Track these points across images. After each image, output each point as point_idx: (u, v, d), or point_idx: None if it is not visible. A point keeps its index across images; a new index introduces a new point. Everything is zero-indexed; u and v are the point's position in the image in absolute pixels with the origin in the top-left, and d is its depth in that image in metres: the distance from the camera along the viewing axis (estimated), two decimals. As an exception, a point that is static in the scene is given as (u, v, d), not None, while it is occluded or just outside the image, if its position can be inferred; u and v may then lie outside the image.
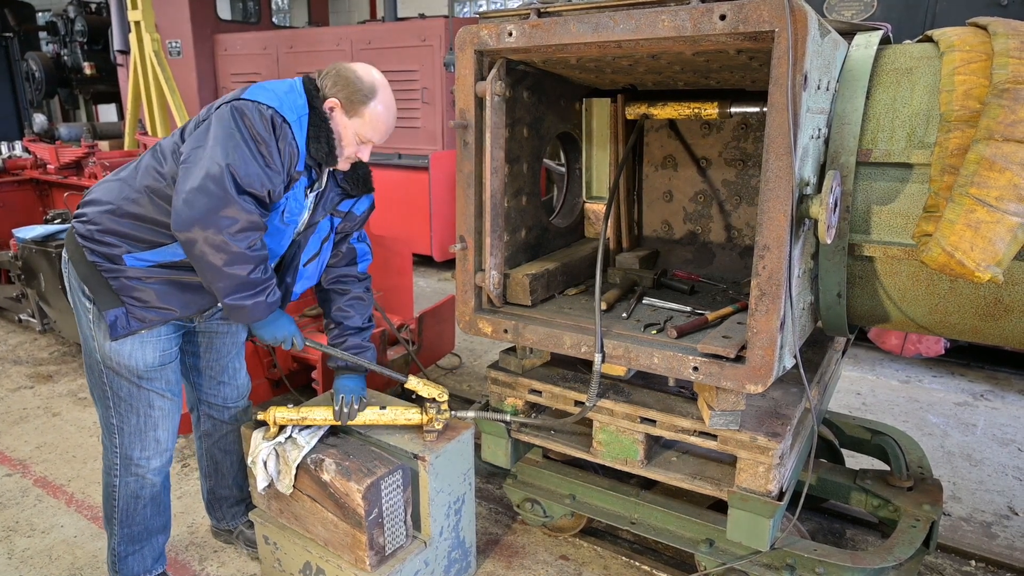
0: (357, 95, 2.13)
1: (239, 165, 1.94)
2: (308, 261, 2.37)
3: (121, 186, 2.19)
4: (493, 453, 2.66)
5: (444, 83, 6.88)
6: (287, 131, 2.04)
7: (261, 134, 1.98)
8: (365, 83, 2.15)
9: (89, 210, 2.20)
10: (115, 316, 2.17)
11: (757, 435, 2.08)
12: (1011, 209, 1.74)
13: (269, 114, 2.00)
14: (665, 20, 1.83)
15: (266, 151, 2.00)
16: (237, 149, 1.95)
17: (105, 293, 2.17)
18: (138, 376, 2.25)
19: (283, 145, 2.03)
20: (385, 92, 2.18)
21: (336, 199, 2.36)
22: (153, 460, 2.38)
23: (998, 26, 1.92)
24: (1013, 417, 4.08)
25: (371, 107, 2.15)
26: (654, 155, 3.01)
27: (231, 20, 9.71)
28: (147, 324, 2.20)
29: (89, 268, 2.18)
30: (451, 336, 4.42)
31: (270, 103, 2.02)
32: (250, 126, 1.98)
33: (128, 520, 2.43)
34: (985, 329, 2.13)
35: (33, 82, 12.08)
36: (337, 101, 2.14)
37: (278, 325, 2.21)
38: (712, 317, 2.27)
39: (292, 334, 2.25)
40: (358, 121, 2.16)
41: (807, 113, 1.81)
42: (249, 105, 2.00)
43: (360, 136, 2.18)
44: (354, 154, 2.22)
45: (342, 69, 2.17)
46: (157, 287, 2.18)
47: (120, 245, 2.14)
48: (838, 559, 2.26)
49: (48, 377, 4.63)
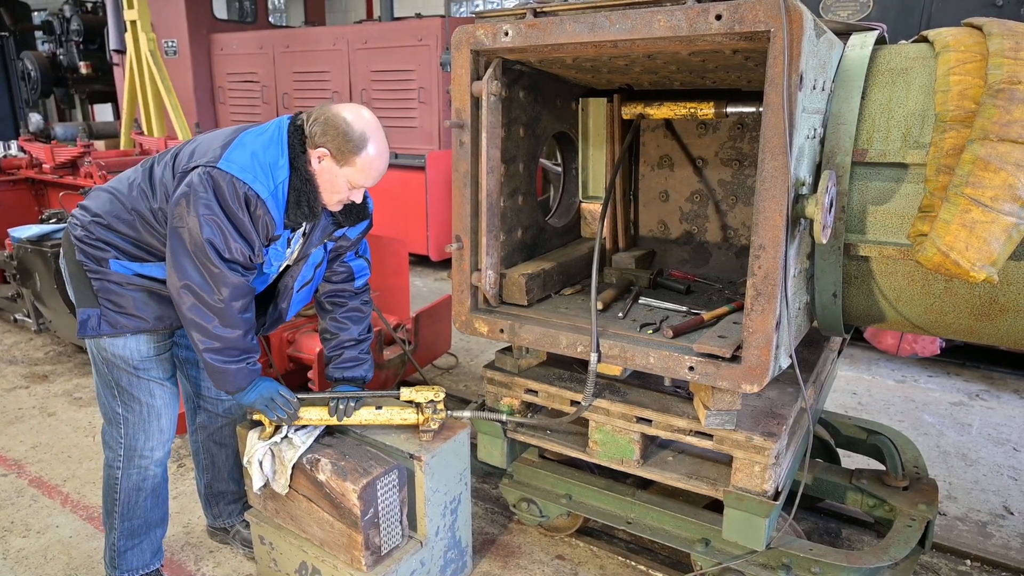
0: (348, 145, 2.06)
1: (219, 241, 2.03)
2: (301, 287, 2.40)
3: (112, 201, 2.25)
4: (489, 453, 2.66)
5: (440, 83, 6.88)
6: (260, 207, 2.06)
7: (235, 211, 2.03)
8: (355, 131, 2.05)
9: (83, 218, 2.27)
10: (87, 315, 2.25)
11: (753, 435, 2.08)
12: (1006, 209, 1.74)
13: (243, 191, 2.02)
14: (661, 20, 1.83)
15: (242, 228, 2.06)
16: (214, 225, 2.02)
17: (84, 291, 2.26)
18: (134, 367, 2.31)
19: (257, 219, 2.07)
20: (377, 136, 2.09)
21: (330, 229, 2.34)
22: (156, 450, 2.43)
23: (993, 27, 1.93)
24: (1008, 417, 4.09)
25: (362, 156, 2.07)
26: (650, 155, 3.01)
27: (227, 19, 9.70)
28: (117, 330, 2.25)
29: (76, 266, 2.26)
30: (447, 336, 4.42)
31: (244, 178, 2.02)
32: (224, 202, 2.02)
33: (130, 513, 2.46)
34: (980, 329, 2.13)
35: (29, 81, 12.05)
36: (327, 151, 2.07)
37: (262, 387, 2.26)
38: (708, 317, 2.27)
39: (277, 389, 2.27)
40: (350, 169, 2.09)
41: (803, 113, 1.81)
42: (225, 178, 2.01)
43: (352, 183, 2.13)
44: (346, 198, 2.19)
45: (331, 116, 2.07)
46: (136, 295, 2.25)
47: (108, 250, 2.23)
48: (834, 559, 2.26)
49: (44, 377, 4.62)
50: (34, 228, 4.48)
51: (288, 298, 2.37)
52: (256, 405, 2.27)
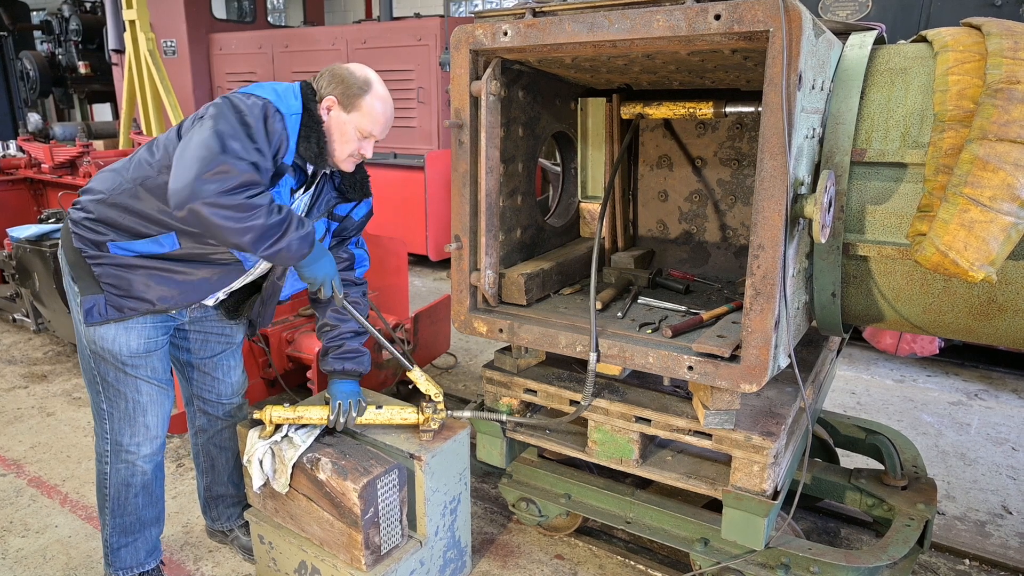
0: (352, 89, 2.17)
1: (228, 135, 1.93)
2: None
3: (114, 176, 2.24)
4: (488, 453, 2.66)
5: (440, 82, 6.88)
6: (277, 119, 2.06)
7: (249, 120, 2.00)
8: (358, 77, 2.18)
9: (84, 198, 2.27)
10: (93, 302, 2.22)
11: (752, 434, 2.08)
12: (1004, 209, 1.74)
13: (261, 103, 2.05)
14: (660, 20, 1.83)
15: (254, 134, 2.00)
16: (226, 124, 1.96)
17: (86, 279, 2.23)
18: (122, 362, 2.28)
19: (271, 129, 2.04)
20: (379, 86, 2.22)
21: (332, 202, 2.37)
22: (143, 446, 2.40)
23: (992, 26, 1.93)
24: (1007, 416, 4.10)
25: (367, 100, 2.18)
26: (649, 155, 3.01)
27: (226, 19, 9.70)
28: (124, 314, 2.23)
29: (75, 253, 2.24)
30: (446, 336, 4.42)
31: (264, 95, 2.08)
32: (241, 111, 2.01)
33: (119, 510, 2.44)
34: (979, 328, 2.13)
35: (28, 81, 12.04)
36: (334, 98, 2.17)
37: (320, 265, 2.16)
38: (707, 316, 2.27)
39: (331, 277, 2.21)
40: (356, 115, 2.18)
41: (802, 113, 1.81)
42: (242, 96, 2.06)
43: (360, 130, 2.19)
44: (357, 151, 2.23)
45: (335, 68, 2.21)
46: (137, 277, 2.21)
47: (107, 233, 2.20)
48: (832, 558, 2.27)
49: (42, 377, 4.61)
50: (33, 228, 4.47)
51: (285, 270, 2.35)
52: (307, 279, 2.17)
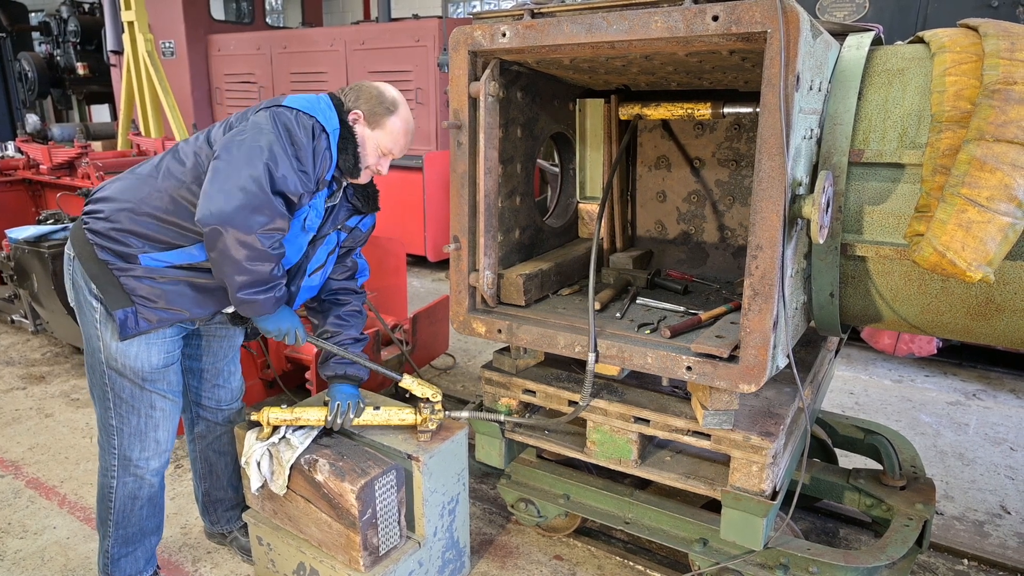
0: (379, 107, 2.23)
1: (277, 166, 1.99)
2: (314, 271, 2.39)
3: (140, 185, 2.18)
4: (487, 453, 2.66)
5: (438, 83, 6.88)
6: (324, 140, 2.11)
7: (300, 140, 2.05)
8: (387, 97, 2.25)
9: (105, 207, 2.17)
10: (125, 315, 2.16)
11: (750, 434, 2.08)
12: (1002, 209, 1.75)
13: (310, 123, 2.08)
14: (658, 21, 1.84)
15: (303, 156, 2.06)
16: (276, 151, 2.00)
17: (115, 292, 2.16)
18: (142, 378, 2.26)
19: (319, 153, 2.10)
20: (405, 108, 2.29)
21: (345, 214, 2.41)
22: (152, 461, 2.39)
23: (988, 27, 1.93)
24: (1005, 416, 4.10)
25: (392, 120, 2.24)
26: (647, 155, 3.01)
27: (225, 20, 9.70)
28: (155, 325, 2.20)
29: (99, 266, 2.16)
30: (445, 336, 4.42)
31: (311, 112, 2.10)
32: (291, 131, 2.04)
33: (124, 521, 2.42)
34: (977, 328, 2.14)
35: (26, 82, 12.03)
36: (360, 113, 2.22)
37: (282, 317, 2.24)
38: (705, 317, 2.27)
39: (295, 327, 2.27)
40: (380, 133, 2.24)
41: (799, 114, 1.82)
42: (291, 112, 2.07)
43: (381, 148, 2.26)
44: (375, 166, 2.28)
45: (365, 84, 2.28)
46: (170, 287, 2.18)
47: (137, 244, 2.14)
48: (831, 558, 2.27)
49: (41, 378, 4.61)
50: (31, 229, 4.46)
51: (300, 280, 2.35)
52: (271, 332, 2.24)
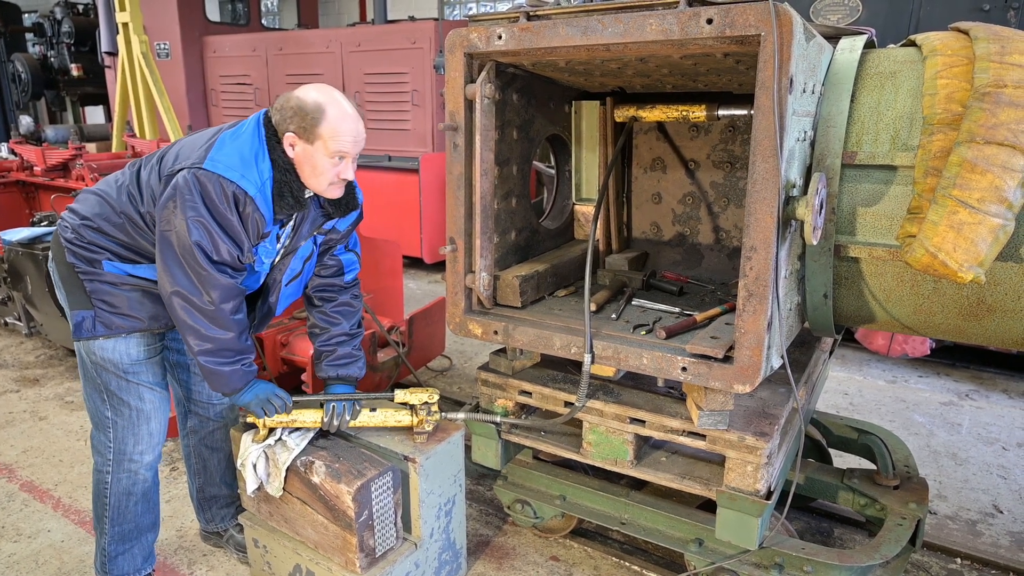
0: (307, 119, 2.06)
1: (207, 243, 2.03)
2: (290, 281, 2.39)
3: (101, 204, 2.25)
4: (483, 454, 2.66)
5: (434, 85, 6.88)
6: (250, 205, 2.06)
7: (223, 214, 2.03)
8: (309, 103, 2.06)
9: (70, 219, 2.27)
10: (81, 317, 2.24)
11: (745, 435, 2.10)
12: (992, 210, 1.76)
13: (231, 190, 2.03)
14: (653, 24, 1.85)
15: (229, 227, 2.06)
16: (201, 228, 2.02)
17: (77, 294, 2.25)
18: (123, 371, 2.30)
19: (247, 219, 2.08)
20: (334, 106, 2.08)
21: (319, 221, 2.34)
22: (146, 454, 2.42)
23: (979, 31, 1.95)
24: (997, 416, 4.13)
25: (323, 126, 2.06)
26: (643, 157, 3.03)
27: (220, 22, 9.67)
28: (112, 331, 2.25)
29: (67, 268, 2.25)
30: (441, 338, 4.42)
31: (231, 176, 2.03)
32: (211, 203, 2.02)
33: (120, 518, 2.44)
34: (968, 329, 2.15)
35: (19, 84, 11.99)
36: (293, 134, 2.09)
37: (258, 389, 2.26)
38: (700, 318, 2.28)
39: (273, 391, 2.28)
40: (320, 143, 2.08)
41: (793, 116, 1.83)
42: (212, 178, 2.01)
43: (329, 154, 2.09)
44: (336, 176, 2.14)
45: (288, 99, 2.10)
46: (130, 295, 2.25)
47: (101, 252, 2.23)
48: (826, 557, 2.28)
49: (35, 381, 4.59)
50: (25, 231, 4.45)
51: (277, 292, 2.36)
52: (251, 407, 2.27)
